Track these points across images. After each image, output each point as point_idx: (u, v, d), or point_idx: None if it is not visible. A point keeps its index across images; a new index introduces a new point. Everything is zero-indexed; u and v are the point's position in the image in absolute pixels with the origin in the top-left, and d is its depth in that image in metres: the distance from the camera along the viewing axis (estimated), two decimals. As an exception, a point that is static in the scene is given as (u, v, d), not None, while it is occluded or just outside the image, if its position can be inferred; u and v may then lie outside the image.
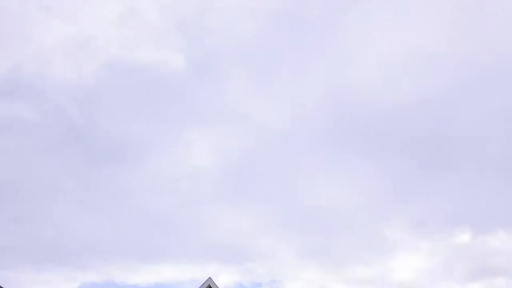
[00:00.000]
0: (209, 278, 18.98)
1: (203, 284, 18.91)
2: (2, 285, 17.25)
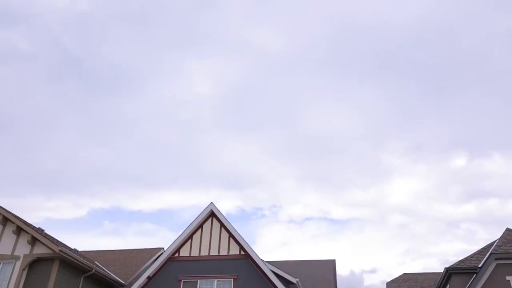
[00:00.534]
0: (211, 203, 19.81)
1: (205, 209, 19.79)
2: (12, 212, 18.13)
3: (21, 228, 17.65)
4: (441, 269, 21.80)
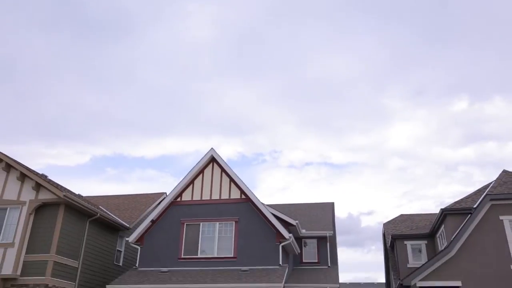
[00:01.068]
0: (212, 148, 19.99)
1: (205, 155, 20.02)
2: (15, 159, 18.33)
3: (24, 174, 17.94)
4: (437, 211, 22.38)
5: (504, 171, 19.28)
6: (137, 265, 18.61)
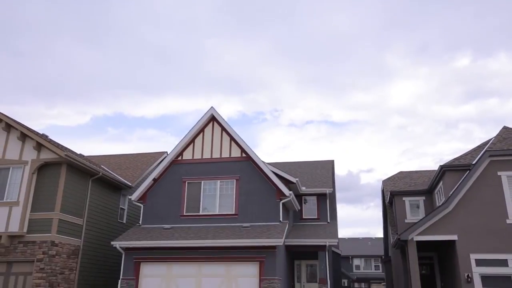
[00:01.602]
0: (212, 107, 19.90)
1: (205, 114, 19.96)
2: (15, 119, 18.31)
3: (25, 134, 17.96)
4: (436, 168, 22.59)
5: (505, 128, 19.27)
6: (140, 222, 19.00)
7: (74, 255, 17.89)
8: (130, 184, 21.89)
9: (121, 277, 16.85)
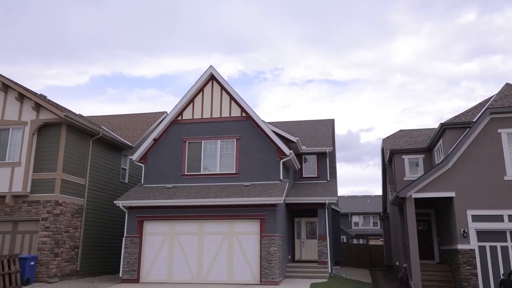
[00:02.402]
0: (211, 66, 19.64)
1: (204, 73, 19.71)
2: (13, 80, 18.10)
3: (23, 94, 17.82)
4: (436, 127, 22.57)
5: (507, 84, 19.08)
6: (142, 182, 19.21)
7: (78, 214, 18.22)
8: (131, 144, 21.96)
9: (125, 235, 17.25)
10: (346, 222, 51.59)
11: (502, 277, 14.42)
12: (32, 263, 15.88)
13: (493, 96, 18.94)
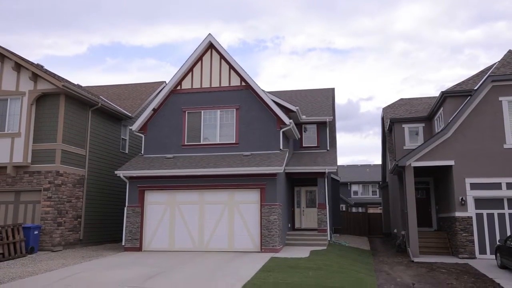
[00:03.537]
0: (209, 34, 19.31)
1: (203, 41, 19.39)
2: (10, 49, 17.84)
3: (19, 64, 17.62)
4: (437, 95, 22.42)
5: (510, 51, 18.80)
6: (142, 152, 19.24)
7: (79, 184, 18.36)
8: (130, 114, 21.88)
9: (126, 204, 17.42)
10: (346, 191, 52.08)
11: (498, 243, 14.66)
12: (36, 232, 16.12)
13: (495, 63, 18.71)
